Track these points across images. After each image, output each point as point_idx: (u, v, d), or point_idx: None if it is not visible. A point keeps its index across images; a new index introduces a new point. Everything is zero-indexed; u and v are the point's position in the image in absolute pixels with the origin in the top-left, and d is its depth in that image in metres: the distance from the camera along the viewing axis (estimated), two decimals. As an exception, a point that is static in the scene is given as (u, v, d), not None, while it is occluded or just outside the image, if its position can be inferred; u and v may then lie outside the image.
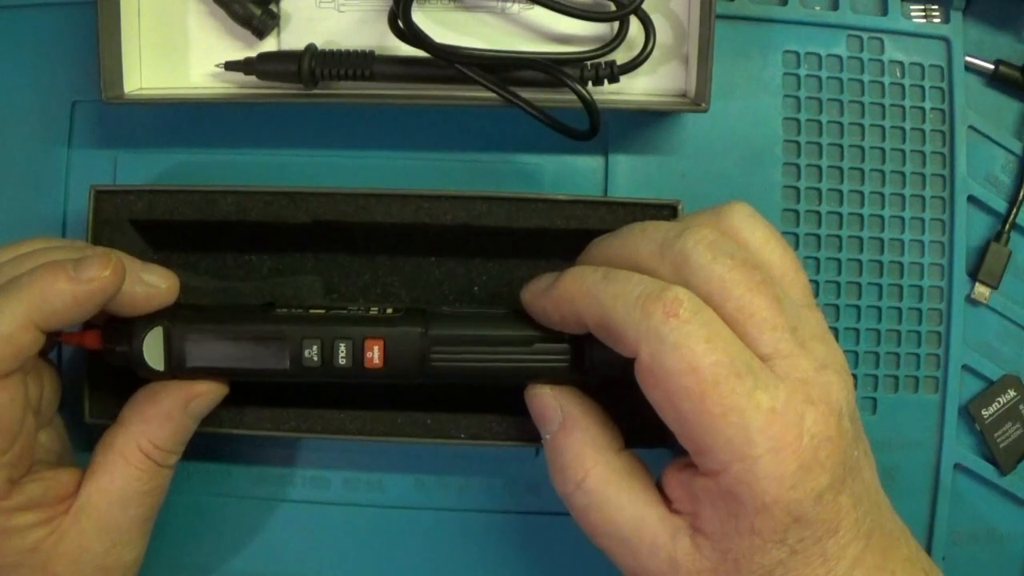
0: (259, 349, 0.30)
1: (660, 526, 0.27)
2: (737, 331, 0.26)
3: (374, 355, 0.30)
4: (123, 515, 0.30)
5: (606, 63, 0.35)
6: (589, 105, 0.34)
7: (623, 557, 0.28)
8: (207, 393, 0.31)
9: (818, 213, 0.39)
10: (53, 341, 0.30)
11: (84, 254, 0.29)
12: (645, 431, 0.30)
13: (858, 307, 0.39)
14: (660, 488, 0.29)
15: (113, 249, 0.30)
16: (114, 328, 0.31)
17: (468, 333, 0.31)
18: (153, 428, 0.30)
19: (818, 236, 0.38)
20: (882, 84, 0.39)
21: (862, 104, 0.39)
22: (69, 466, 0.31)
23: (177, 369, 0.30)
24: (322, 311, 0.31)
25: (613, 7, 0.35)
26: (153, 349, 0.30)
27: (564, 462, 0.29)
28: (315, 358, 0.30)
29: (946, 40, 0.39)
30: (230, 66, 0.36)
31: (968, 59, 0.39)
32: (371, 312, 0.31)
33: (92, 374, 0.33)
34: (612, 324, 0.27)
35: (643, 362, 0.26)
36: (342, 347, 0.30)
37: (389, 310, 0.32)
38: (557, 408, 0.30)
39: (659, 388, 0.26)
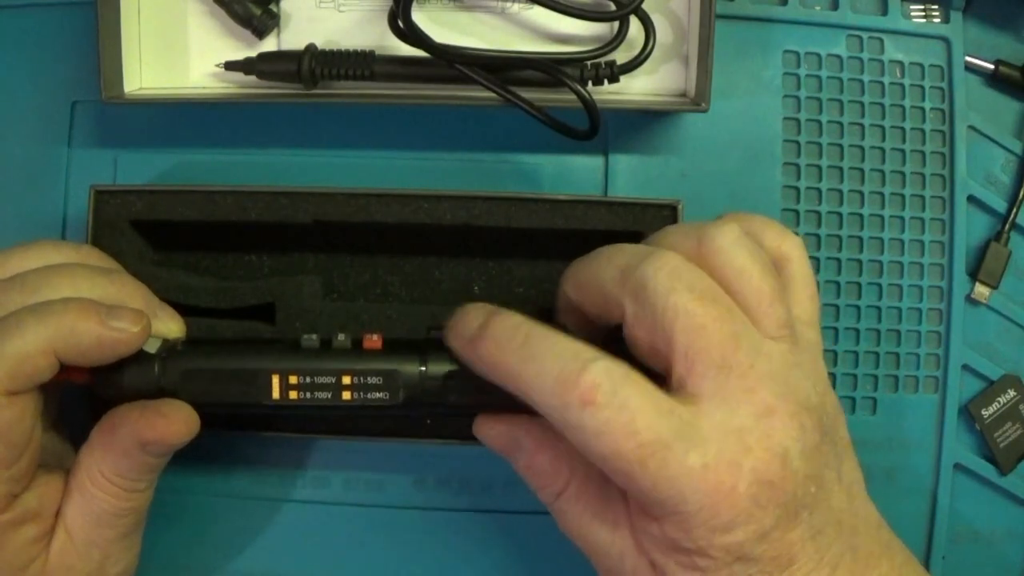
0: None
1: (629, 538, 0.28)
2: (683, 366, 0.26)
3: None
4: (101, 534, 0.30)
5: (606, 63, 0.35)
6: (589, 105, 0.34)
7: (596, 561, 0.29)
8: (167, 437, 0.29)
9: (818, 213, 0.39)
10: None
11: (121, 299, 0.30)
12: None
13: (858, 307, 0.39)
14: None
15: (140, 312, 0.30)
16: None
17: (464, 370, 0.30)
18: (112, 460, 0.29)
19: (818, 236, 0.38)
20: (882, 84, 0.39)
21: (862, 104, 0.39)
22: (63, 475, 0.30)
23: (170, 371, 0.30)
24: (315, 344, 0.30)
25: (613, 7, 0.35)
26: (149, 345, 0.30)
27: (538, 484, 0.30)
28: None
29: (946, 40, 0.39)
30: (230, 66, 0.36)
31: (968, 59, 0.39)
32: (367, 342, 0.31)
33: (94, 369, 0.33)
34: (535, 406, 0.26)
35: (573, 444, 0.26)
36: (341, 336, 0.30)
37: (375, 337, 0.31)
38: (514, 439, 0.30)
39: (595, 462, 0.26)
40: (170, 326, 0.32)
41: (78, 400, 0.33)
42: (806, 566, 0.26)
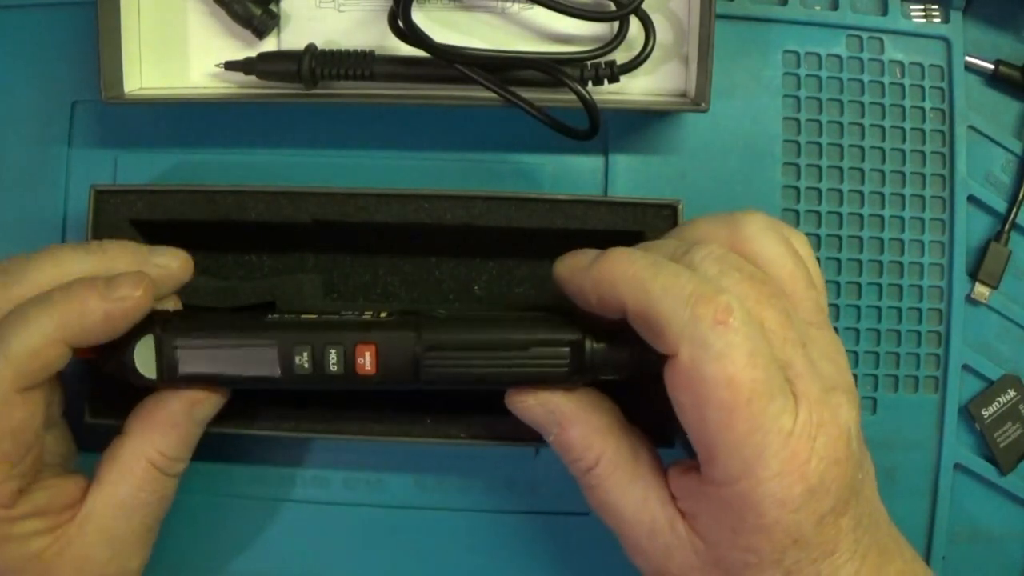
0: (250, 356, 0.30)
1: (661, 512, 0.28)
2: None
3: (366, 361, 0.30)
4: (127, 525, 0.30)
5: (606, 63, 0.35)
6: (589, 105, 0.34)
7: (626, 536, 0.29)
8: (211, 397, 0.31)
9: (818, 213, 0.39)
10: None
11: (110, 266, 0.30)
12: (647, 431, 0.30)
13: (858, 307, 0.39)
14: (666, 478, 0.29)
15: (140, 272, 0.30)
16: None
17: (462, 337, 0.30)
18: (159, 436, 0.30)
19: (818, 236, 0.38)
20: (882, 84, 0.39)
21: (862, 104, 0.39)
22: (74, 474, 0.31)
23: (169, 378, 0.30)
24: (314, 316, 0.31)
25: (613, 7, 0.35)
26: (145, 357, 0.30)
27: (572, 457, 0.29)
28: (306, 364, 0.30)
29: (946, 40, 0.39)
30: (230, 66, 0.36)
31: (968, 59, 0.39)
32: (364, 316, 0.31)
33: (92, 374, 0.33)
34: (656, 317, 0.26)
35: (680, 363, 0.25)
36: (332, 353, 0.30)
37: (383, 314, 0.31)
38: (548, 413, 0.30)
39: (690, 392, 0.25)
40: (171, 264, 0.31)
41: (77, 400, 0.33)
42: (843, 556, 0.26)
